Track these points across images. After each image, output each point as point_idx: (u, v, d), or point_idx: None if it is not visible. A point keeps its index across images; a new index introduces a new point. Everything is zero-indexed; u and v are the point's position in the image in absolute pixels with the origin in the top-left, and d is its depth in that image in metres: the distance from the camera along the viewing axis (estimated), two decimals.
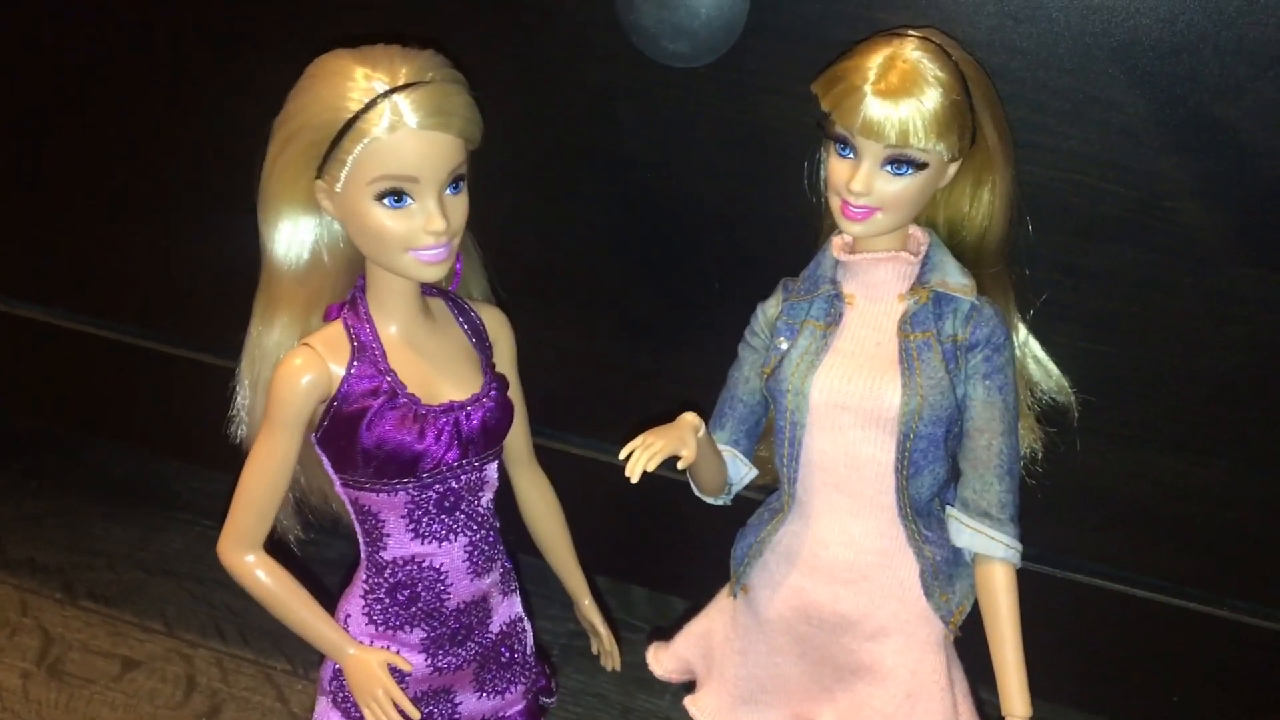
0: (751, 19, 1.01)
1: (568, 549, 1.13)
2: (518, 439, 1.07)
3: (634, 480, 0.88)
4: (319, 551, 1.36)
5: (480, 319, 1.02)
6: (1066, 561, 1.17)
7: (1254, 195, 0.97)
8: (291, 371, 0.92)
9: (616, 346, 1.25)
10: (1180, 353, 1.05)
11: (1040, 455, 1.05)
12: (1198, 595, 1.14)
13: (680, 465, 0.92)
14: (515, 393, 1.05)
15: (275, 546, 0.98)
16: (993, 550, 0.94)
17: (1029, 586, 1.03)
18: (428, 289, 0.98)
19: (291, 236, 0.94)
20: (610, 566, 1.41)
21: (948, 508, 0.97)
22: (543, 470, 1.11)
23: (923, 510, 0.97)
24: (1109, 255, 1.03)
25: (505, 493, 1.09)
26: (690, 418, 0.94)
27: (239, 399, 1.01)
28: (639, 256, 1.20)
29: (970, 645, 0.97)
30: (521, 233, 1.20)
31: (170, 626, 1.53)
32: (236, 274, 0.98)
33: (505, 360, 1.04)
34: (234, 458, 1.02)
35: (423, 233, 0.88)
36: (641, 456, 0.89)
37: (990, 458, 0.94)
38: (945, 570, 0.97)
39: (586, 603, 1.14)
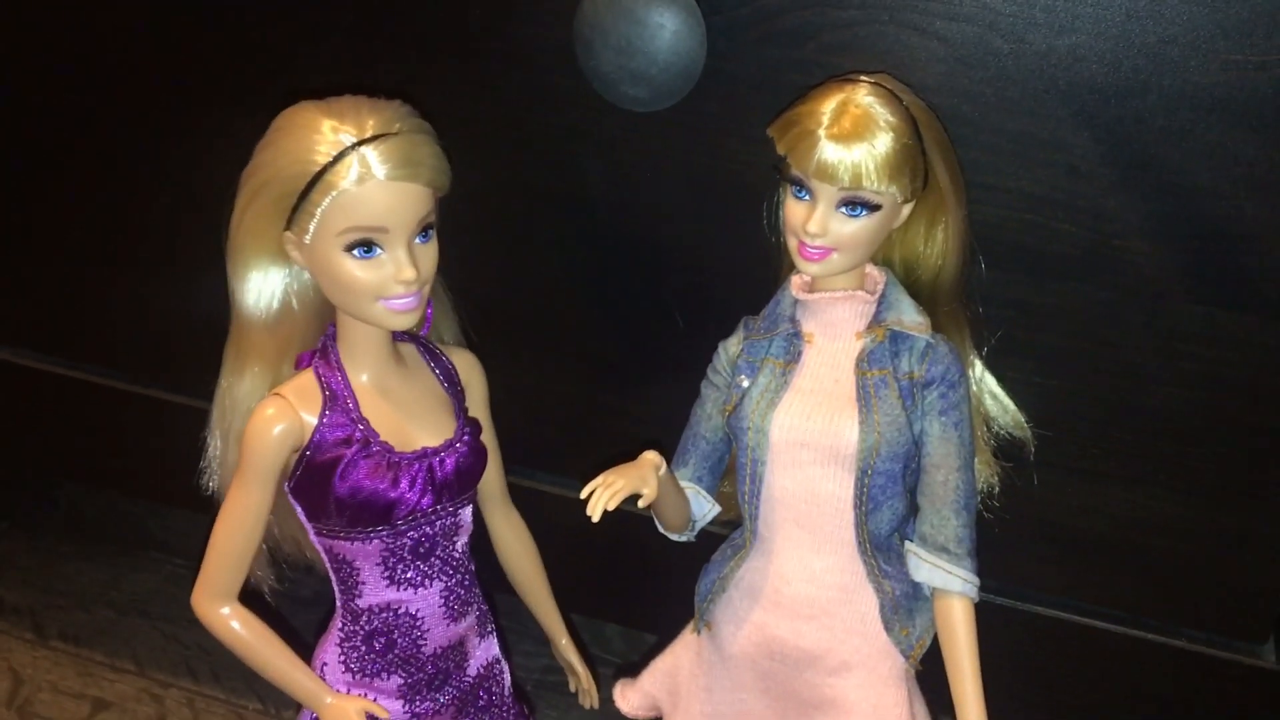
0: (710, 65, 1.03)
1: (544, 588, 1.13)
2: (492, 480, 1.08)
3: (595, 519, 0.89)
4: (292, 589, 1.36)
5: (452, 363, 1.03)
6: (1025, 594, 1.18)
7: (1200, 235, 0.99)
8: (264, 422, 0.92)
9: (584, 385, 1.26)
10: (1133, 388, 1.06)
11: (997, 489, 1.07)
12: (1155, 626, 1.15)
13: (641, 504, 0.93)
14: (488, 434, 1.06)
15: (248, 593, 0.98)
16: (950, 584, 0.96)
17: (988, 619, 1.04)
18: (399, 335, 0.99)
19: (261, 287, 0.94)
20: (582, 603, 1.41)
21: (906, 542, 0.98)
22: (517, 511, 1.12)
23: (882, 545, 0.98)
24: (1062, 293, 1.04)
25: (481, 533, 1.10)
26: (651, 456, 0.95)
27: (210, 449, 1.00)
28: (604, 297, 1.21)
29: (933, 678, 0.98)
30: (488, 275, 1.21)
31: (141, 666, 1.52)
32: (207, 316, 0.98)
33: (478, 403, 1.05)
34: (206, 497, 1.02)
35: (393, 282, 0.88)
36: (602, 495, 0.90)
37: (947, 493, 0.96)
38: (905, 604, 0.98)
39: (564, 642, 1.15)
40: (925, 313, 0.97)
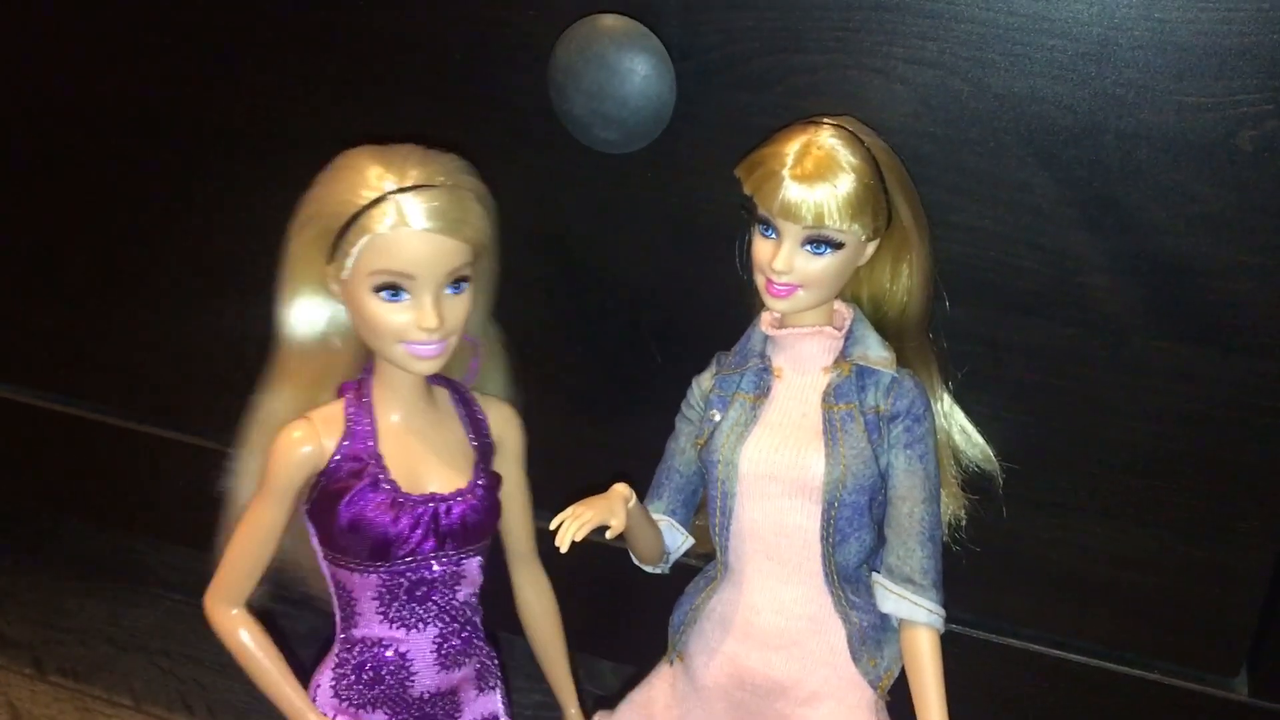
0: (681, 108, 1.05)
1: (561, 654, 1.15)
2: (520, 535, 1.10)
3: (563, 550, 0.91)
4: (292, 625, 1.38)
5: (485, 415, 1.05)
6: (998, 626, 1.18)
7: (1159, 271, 1.00)
8: (288, 443, 0.96)
9: (564, 418, 1.28)
10: (1099, 422, 1.07)
11: (964, 522, 1.07)
12: (1127, 659, 1.15)
13: (609, 535, 0.95)
14: (519, 491, 1.08)
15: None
16: (916, 615, 0.97)
17: (961, 651, 1.05)
18: (436, 379, 1.01)
19: (304, 315, 0.98)
20: (571, 639, 1.42)
21: (873, 574, 1.00)
22: (544, 570, 1.13)
23: (850, 577, 0.99)
24: (1027, 329, 1.06)
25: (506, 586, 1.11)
26: (620, 489, 0.97)
27: (240, 458, 1.04)
28: (583, 332, 1.23)
29: (904, 710, 0.99)
30: None
31: (138, 701, 1.54)
32: (210, 355, 1.01)
33: (511, 459, 1.07)
34: (205, 534, 1.05)
35: (415, 328, 0.91)
36: (570, 527, 0.92)
37: (912, 525, 0.97)
38: (873, 636, 1.00)
39: (573, 712, 1.16)
40: (891, 348, 0.99)
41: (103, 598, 1.73)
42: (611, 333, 1.22)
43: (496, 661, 1.09)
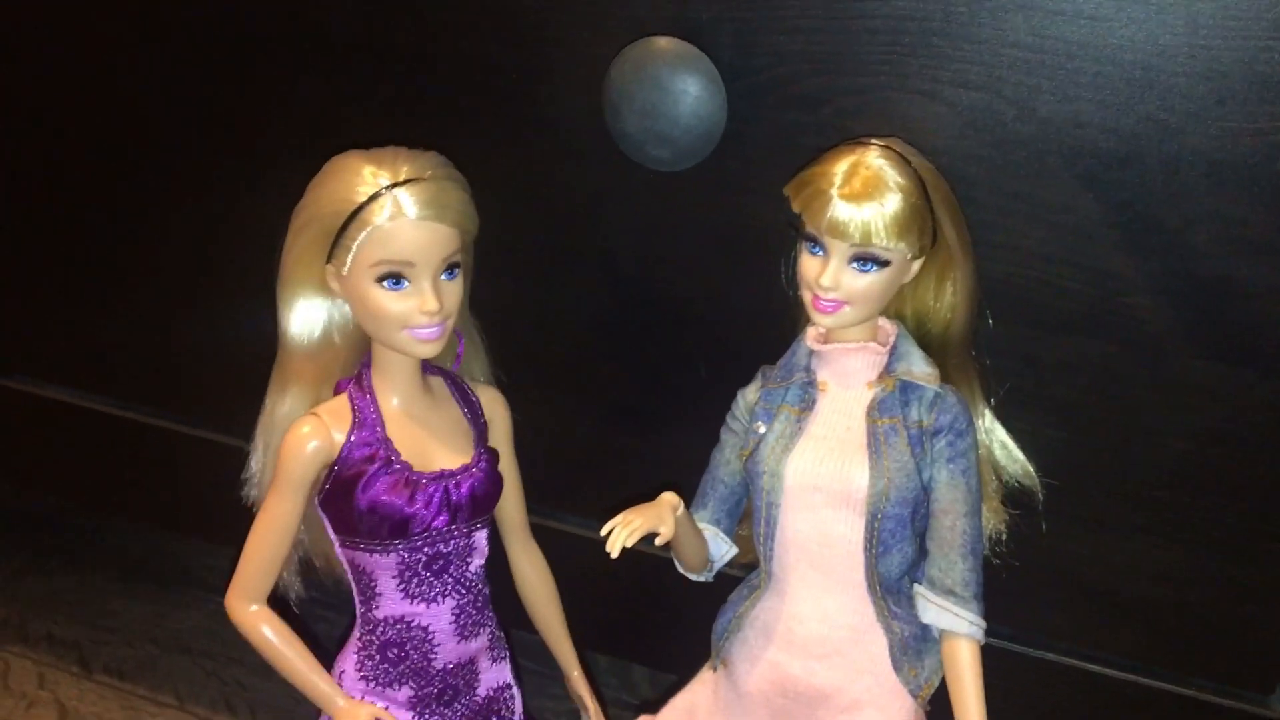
0: (731, 127, 1.08)
1: (559, 621, 1.18)
2: (512, 512, 1.14)
3: (614, 555, 0.93)
4: (330, 630, 1.40)
5: (477, 398, 1.09)
6: (1036, 640, 1.19)
7: (1200, 292, 1.02)
8: (298, 438, 0.99)
9: (609, 429, 1.30)
10: (1138, 440, 1.09)
11: (1005, 536, 1.09)
12: (1163, 674, 1.16)
13: (658, 542, 0.97)
14: (510, 468, 1.12)
15: (278, 604, 1.04)
16: (957, 626, 0.99)
17: (999, 665, 1.06)
18: (429, 368, 1.06)
19: (304, 316, 1.03)
20: (603, 642, 1.44)
21: (915, 585, 1.01)
22: (537, 545, 1.17)
23: (892, 587, 1.01)
24: (1069, 347, 1.08)
25: (504, 568, 1.15)
26: (669, 497, 0.99)
27: (253, 462, 1.08)
28: (629, 346, 1.26)
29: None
30: (520, 323, 1.25)
31: (182, 701, 1.56)
32: (250, 356, 1.04)
33: (501, 438, 1.11)
34: (247, 534, 1.08)
35: (417, 313, 0.96)
36: (621, 533, 0.94)
37: (954, 538, 0.99)
38: (914, 646, 1.01)
39: (576, 674, 1.20)
40: (935, 364, 1.01)
41: (148, 599, 1.75)
42: (659, 346, 1.25)
43: (503, 632, 1.13)
